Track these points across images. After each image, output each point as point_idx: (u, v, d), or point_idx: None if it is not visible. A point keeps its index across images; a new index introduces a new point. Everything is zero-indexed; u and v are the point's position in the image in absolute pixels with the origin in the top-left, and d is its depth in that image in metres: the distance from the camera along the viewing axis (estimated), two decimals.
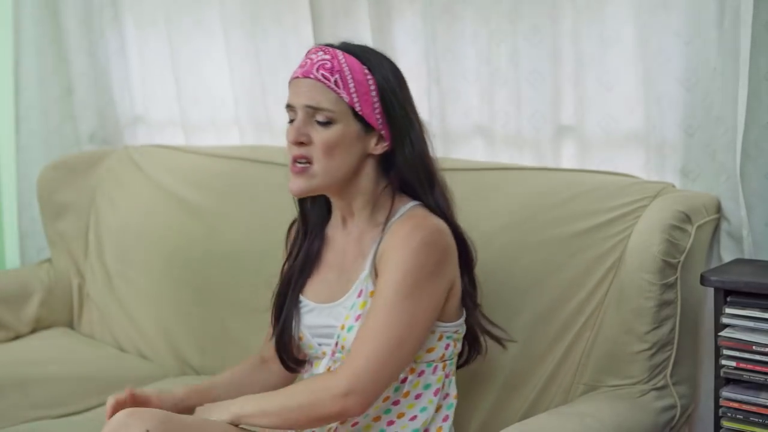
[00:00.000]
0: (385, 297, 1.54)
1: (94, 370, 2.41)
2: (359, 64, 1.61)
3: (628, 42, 1.96)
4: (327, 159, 1.59)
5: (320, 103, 1.59)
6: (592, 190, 1.88)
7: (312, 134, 1.59)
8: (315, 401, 1.52)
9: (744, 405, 1.63)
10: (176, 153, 2.69)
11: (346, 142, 1.60)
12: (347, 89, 1.59)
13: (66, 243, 2.78)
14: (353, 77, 1.59)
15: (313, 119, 1.60)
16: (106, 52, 3.02)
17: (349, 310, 1.63)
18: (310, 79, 1.60)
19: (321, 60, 1.60)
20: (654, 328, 1.75)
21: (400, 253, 1.55)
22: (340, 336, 1.64)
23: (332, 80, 1.58)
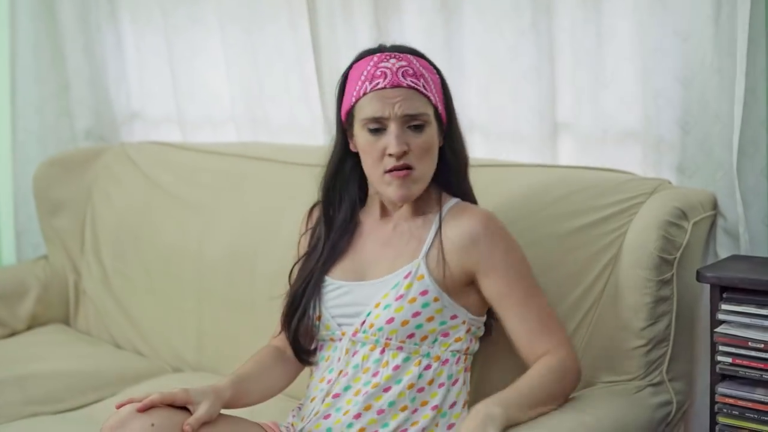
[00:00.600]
0: (524, 282, 1.66)
1: (90, 366, 2.41)
2: (429, 65, 1.67)
3: (626, 39, 1.97)
4: (425, 162, 1.65)
5: (418, 108, 1.62)
6: (589, 186, 1.88)
7: (410, 141, 1.63)
8: (564, 388, 1.63)
9: (740, 401, 1.63)
10: (172, 149, 2.69)
11: (434, 143, 1.66)
12: (431, 91, 1.65)
13: (62, 239, 2.78)
14: (431, 78, 1.66)
15: (405, 126, 1.63)
16: (103, 49, 3.01)
17: (391, 288, 1.66)
18: (402, 88, 1.62)
19: (401, 67, 1.62)
20: (650, 324, 1.75)
21: (495, 239, 1.65)
22: (372, 314, 1.66)
23: (421, 84, 1.63)
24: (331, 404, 1.67)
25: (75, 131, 3.08)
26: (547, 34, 2.07)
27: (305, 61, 2.50)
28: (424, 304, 1.65)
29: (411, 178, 1.64)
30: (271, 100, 2.62)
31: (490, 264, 1.65)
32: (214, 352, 2.39)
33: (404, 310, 1.64)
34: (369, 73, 1.63)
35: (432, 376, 1.66)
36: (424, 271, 1.66)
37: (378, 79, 1.61)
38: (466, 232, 1.66)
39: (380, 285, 1.68)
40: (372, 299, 1.68)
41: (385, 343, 1.65)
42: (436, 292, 1.66)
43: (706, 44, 1.82)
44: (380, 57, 1.64)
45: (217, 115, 2.80)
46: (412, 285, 1.65)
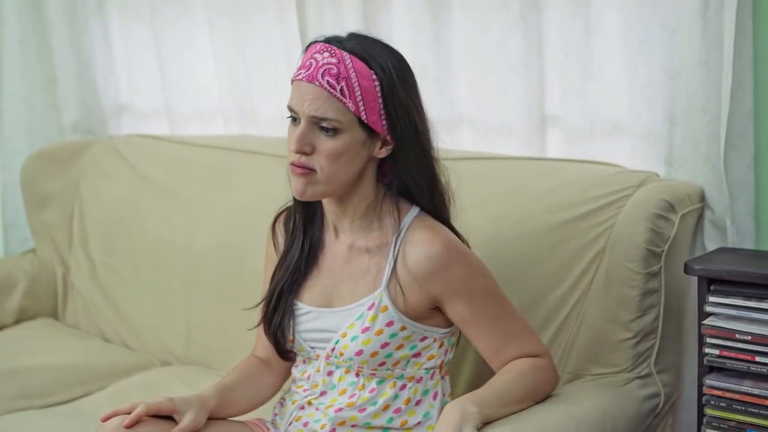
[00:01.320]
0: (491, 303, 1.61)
1: (79, 360, 2.41)
2: (366, 68, 1.52)
3: (613, 32, 1.97)
4: (331, 167, 1.54)
5: (326, 113, 1.51)
6: (577, 179, 1.89)
7: (316, 143, 1.53)
8: (539, 386, 1.62)
9: (727, 393, 1.64)
10: (161, 143, 2.68)
11: (351, 150, 1.54)
12: (354, 98, 1.51)
13: (50, 233, 2.77)
14: (360, 84, 1.51)
15: (317, 126, 1.53)
16: (90, 42, 3.00)
17: (356, 320, 1.61)
18: (315, 86, 1.51)
19: (326, 64, 1.51)
20: (638, 316, 1.76)
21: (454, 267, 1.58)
22: (340, 343, 1.62)
23: (338, 89, 1.50)
24: (310, 415, 1.66)
25: (62, 124, 3.06)
26: (536, 28, 2.07)
27: (293, 54, 2.49)
28: (391, 334, 1.60)
29: (311, 179, 1.54)
30: (259, 94, 2.62)
31: (452, 292, 1.59)
32: (202, 345, 2.39)
33: (372, 342, 1.60)
34: (303, 59, 1.55)
35: (408, 395, 1.64)
36: (387, 302, 1.60)
37: (302, 69, 1.54)
38: (423, 262, 1.57)
39: (345, 314, 1.63)
40: (339, 327, 1.63)
41: (357, 369, 1.63)
42: (402, 321, 1.60)
43: (693, 37, 1.82)
44: (320, 46, 1.54)
45: (206, 108, 2.80)
46: (377, 317, 1.60)
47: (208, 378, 2.29)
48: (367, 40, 1.58)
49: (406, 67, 1.59)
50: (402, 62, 1.59)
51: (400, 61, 1.59)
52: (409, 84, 1.58)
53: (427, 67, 2.22)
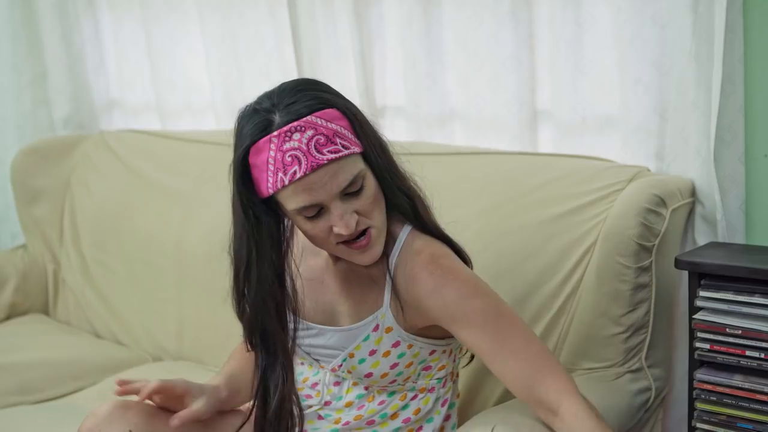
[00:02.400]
0: (486, 324, 1.46)
1: (70, 356, 2.41)
2: (332, 111, 1.41)
3: (604, 27, 1.97)
4: (376, 212, 1.45)
5: (351, 175, 1.40)
6: (568, 174, 1.89)
7: (356, 206, 1.42)
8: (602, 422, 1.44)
9: (718, 387, 1.64)
10: (152, 138, 2.68)
11: (375, 186, 1.45)
12: (352, 141, 1.41)
13: (41, 229, 2.77)
14: (341, 126, 1.41)
15: (343, 196, 1.41)
16: (81, 37, 2.99)
17: (362, 341, 1.55)
18: (324, 167, 1.37)
19: (309, 140, 1.37)
20: (629, 311, 1.76)
21: (453, 288, 1.47)
22: (348, 362, 1.57)
23: (340, 146, 1.38)
24: (313, 420, 1.63)
25: (53, 120, 3.06)
26: (527, 23, 2.07)
27: (285, 48, 2.49)
28: (399, 354, 1.55)
29: (373, 237, 1.45)
30: (250, 88, 2.60)
31: (451, 317, 1.48)
32: (194, 341, 2.39)
33: (380, 364, 1.55)
34: (276, 161, 1.37)
35: (418, 405, 1.62)
36: (391, 322, 1.53)
37: (292, 167, 1.37)
38: (414, 289, 1.49)
39: (349, 335, 1.57)
40: (345, 346, 1.57)
41: (366, 386, 1.61)
42: (409, 339, 1.55)
43: (684, 32, 1.82)
44: (282, 137, 1.37)
45: (197, 103, 2.79)
46: (383, 339, 1.54)
47: (200, 373, 2.29)
48: (292, 89, 1.43)
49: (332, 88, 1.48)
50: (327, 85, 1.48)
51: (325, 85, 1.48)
52: (350, 101, 1.48)
53: (419, 62, 2.22)
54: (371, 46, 2.33)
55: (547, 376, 1.46)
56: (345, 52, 2.37)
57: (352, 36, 2.31)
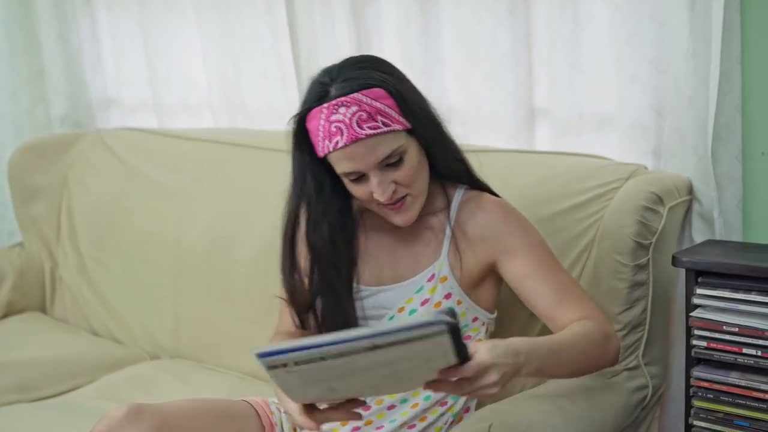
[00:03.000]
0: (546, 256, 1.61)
1: (67, 354, 2.40)
2: (378, 90, 1.53)
3: (602, 24, 1.97)
4: (417, 182, 1.58)
5: (389, 149, 1.53)
6: (566, 172, 1.89)
7: (394, 177, 1.55)
8: (603, 353, 1.54)
9: (714, 384, 1.65)
10: (149, 136, 2.68)
11: (419, 160, 1.58)
12: (394, 119, 1.53)
13: (38, 226, 2.76)
14: (386, 105, 1.53)
15: (384, 166, 1.54)
16: (78, 34, 2.99)
17: (415, 293, 1.63)
18: (362, 141, 1.51)
19: (353, 115, 1.51)
20: (626, 309, 1.76)
21: (514, 224, 1.62)
22: (395, 318, 1.63)
23: (381, 123, 1.52)
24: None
25: (50, 117, 3.06)
26: (524, 21, 2.07)
27: (282, 46, 2.49)
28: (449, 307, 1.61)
29: (407, 204, 1.59)
30: (247, 86, 2.62)
31: (509, 247, 1.61)
32: (191, 339, 2.39)
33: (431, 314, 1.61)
34: (324, 129, 1.53)
35: (433, 403, 1.65)
36: (447, 272, 1.63)
37: (336, 137, 1.51)
38: (482, 223, 1.63)
39: (403, 289, 1.65)
40: (395, 303, 1.65)
41: None
42: (459, 294, 1.64)
43: (681, 30, 1.83)
44: (329, 109, 1.51)
45: (194, 101, 2.79)
46: (436, 288, 1.63)
47: (197, 371, 2.29)
48: (348, 69, 1.56)
49: (391, 65, 1.61)
50: (386, 63, 1.60)
51: (384, 63, 1.60)
52: (405, 79, 1.61)
53: (416, 60, 2.22)
54: (369, 44, 2.33)
55: (575, 304, 1.58)
56: (342, 50, 2.37)
57: (349, 34, 2.31)
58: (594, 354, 1.53)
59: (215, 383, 2.19)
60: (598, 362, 1.56)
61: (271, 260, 2.22)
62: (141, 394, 2.17)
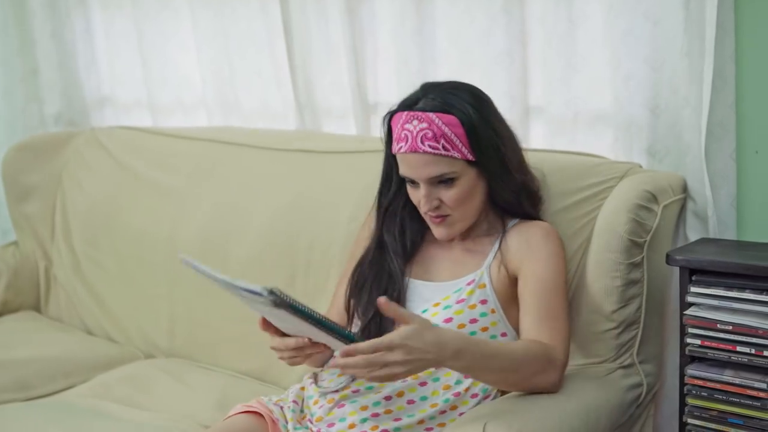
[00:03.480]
0: (554, 281, 1.67)
1: (62, 353, 2.40)
2: (452, 118, 1.65)
3: (596, 23, 1.97)
4: (461, 209, 1.69)
5: (441, 170, 1.66)
6: (561, 170, 1.89)
7: (440, 195, 1.68)
8: (539, 369, 1.58)
9: (708, 382, 1.65)
10: (143, 134, 2.67)
11: (471, 189, 1.69)
12: (456, 147, 1.65)
13: (32, 225, 2.76)
14: (454, 133, 1.65)
15: (436, 182, 1.67)
16: (72, 33, 2.99)
17: (453, 292, 1.71)
18: (420, 154, 1.65)
19: (420, 130, 1.65)
20: (621, 307, 1.76)
21: (547, 245, 1.70)
22: (428, 311, 1.70)
23: (441, 146, 1.65)
24: (362, 383, 1.68)
25: (44, 116, 3.05)
26: (519, 19, 2.07)
27: (277, 45, 2.49)
28: (482, 313, 1.68)
29: (448, 222, 1.71)
30: (242, 85, 2.61)
31: (534, 257, 1.69)
32: (186, 337, 2.39)
33: (464, 313, 1.68)
34: (397, 133, 1.68)
35: (468, 385, 1.67)
36: (486, 280, 1.70)
37: (401, 143, 1.67)
38: (525, 237, 1.72)
39: (443, 288, 1.72)
40: (433, 298, 1.71)
41: None
42: (494, 303, 1.69)
43: (676, 28, 1.83)
44: (406, 117, 1.67)
45: (189, 100, 2.79)
46: (474, 292, 1.69)
47: (192, 370, 2.29)
48: (441, 89, 1.69)
49: (482, 99, 1.71)
50: (477, 96, 1.71)
51: (475, 95, 1.71)
52: (488, 114, 1.70)
53: (411, 59, 2.22)
54: (363, 43, 2.33)
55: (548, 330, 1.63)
56: (337, 49, 2.37)
57: (344, 32, 2.31)
58: (527, 372, 1.57)
59: (210, 382, 2.19)
60: (532, 382, 1.59)
61: (265, 258, 2.23)
62: (135, 394, 2.17)
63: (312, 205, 2.18)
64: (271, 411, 1.72)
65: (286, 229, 2.20)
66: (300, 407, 1.74)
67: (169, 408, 2.08)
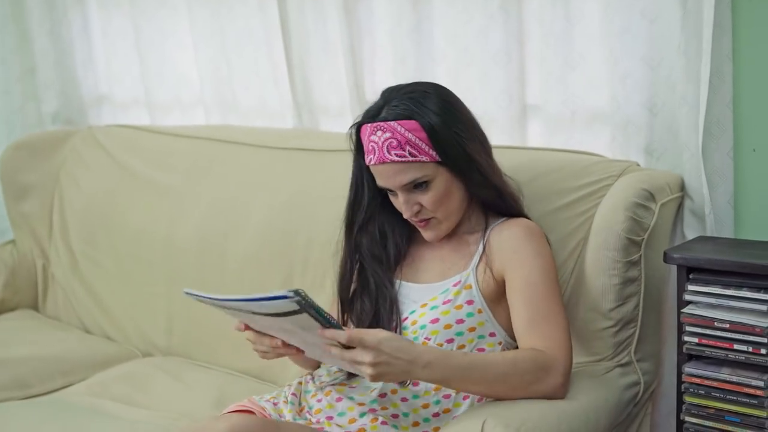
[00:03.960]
0: (543, 284, 1.66)
1: (59, 351, 2.40)
2: (414, 123, 1.66)
3: (594, 21, 1.97)
4: (442, 209, 1.70)
5: (412, 176, 1.67)
6: (558, 168, 1.89)
7: (419, 200, 1.69)
8: (532, 379, 1.58)
9: (706, 380, 1.65)
10: (141, 133, 2.67)
11: (446, 189, 1.69)
12: (423, 151, 1.66)
13: (30, 224, 2.76)
14: (418, 137, 1.66)
15: (411, 187, 1.68)
16: (70, 31, 2.99)
17: (440, 293, 1.71)
18: (388, 164, 1.67)
19: (385, 140, 1.67)
20: (618, 305, 1.76)
21: (531, 244, 1.68)
22: (416, 312, 1.71)
23: (407, 153, 1.66)
24: (358, 381, 1.69)
25: (42, 115, 3.05)
26: (516, 18, 2.07)
27: (274, 43, 2.49)
28: (468, 313, 1.68)
29: (432, 224, 1.72)
30: (240, 83, 2.61)
31: (517, 262, 1.68)
32: (184, 336, 2.39)
33: (450, 314, 1.68)
34: (366, 145, 1.70)
35: None
36: (473, 281, 1.70)
37: (370, 155, 1.68)
38: (505, 238, 1.71)
39: (430, 289, 1.73)
40: (419, 300, 1.72)
41: (423, 342, 1.67)
42: (481, 304, 1.69)
43: (673, 27, 1.83)
44: (371, 129, 1.68)
45: (186, 98, 2.79)
46: (460, 293, 1.69)
47: (190, 369, 2.29)
48: (402, 94, 1.69)
49: (444, 99, 1.70)
50: (440, 96, 1.70)
51: (439, 95, 1.70)
52: (451, 114, 1.69)
53: (408, 58, 2.22)
54: (361, 41, 2.33)
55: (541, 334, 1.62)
56: (334, 47, 2.37)
57: (341, 31, 2.31)
58: (517, 382, 1.57)
59: (207, 380, 2.19)
60: (529, 391, 1.58)
61: (263, 257, 2.23)
62: (133, 392, 2.17)
63: (309, 204, 2.18)
64: (263, 408, 1.72)
65: (283, 227, 2.20)
66: (298, 400, 1.74)
67: (167, 406, 2.08)
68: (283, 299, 1.40)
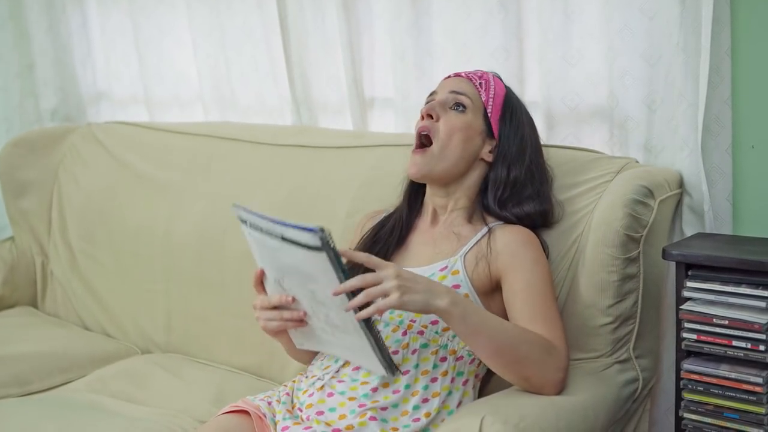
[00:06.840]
0: (543, 287, 1.68)
1: (59, 348, 2.40)
2: (503, 86, 1.81)
3: (593, 18, 1.97)
4: (446, 140, 1.73)
5: (462, 89, 1.76)
6: (557, 165, 1.89)
7: (443, 115, 1.74)
8: (538, 358, 1.59)
9: (704, 377, 1.65)
10: (140, 130, 2.67)
11: (468, 131, 1.75)
12: (488, 93, 1.77)
13: (28, 221, 2.76)
14: (495, 90, 1.78)
15: (448, 106, 1.75)
16: (68, 28, 2.98)
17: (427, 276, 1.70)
18: (461, 77, 1.79)
19: (475, 71, 1.82)
20: (617, 301, 1.76)
21: (530, 251, 1.70)
22: None
23: (478, 81, 1.78)
24: (347, 375, 1.69)
25: (41, 111, 3.05)
26: (515, 14, 2.07)
27: (273, 40, 2.49)
28: None
29: (426, 155, 1.74)
30: (238, 80, 2.61)
31: (516, 266, 1.68)
32: (183, 332, 2.39)
33: None
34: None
35: (446, 368, 1.68)
36: (460, 267, 1.71)
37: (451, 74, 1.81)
38: (506, 241, 1.71)
39: (417, 273, 1.68)
40: None
41: (408, 324, 1.68)
42: (468, 289, 1.70)
43: (672, 23, 1.83)
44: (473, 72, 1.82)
45: (185, 95, 2.79)
46: (446, 278, 1.70)
47: (189, 365, 2.29)
48: None
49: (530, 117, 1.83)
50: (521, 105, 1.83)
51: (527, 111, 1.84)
52: (529, 118, 1.82)
53: (407, 54, 2.22)
54: (360, 38, 2.33)
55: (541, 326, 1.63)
56: (333, 44, 2.37)
57: (340, 27, 2.31)
58: (524, 353, 1.58)
59: (206, 377, 2.19)
60: (531, 371, 1.59)
61: None
62: (132, 389, 2.17)
63: (308, 200, 2.18)
64: (257, 407, 1.73)
65: None
66: (291, 398, 1.75)
67: (166, 403, 2.08)
68: (309, 231, 1.44)
